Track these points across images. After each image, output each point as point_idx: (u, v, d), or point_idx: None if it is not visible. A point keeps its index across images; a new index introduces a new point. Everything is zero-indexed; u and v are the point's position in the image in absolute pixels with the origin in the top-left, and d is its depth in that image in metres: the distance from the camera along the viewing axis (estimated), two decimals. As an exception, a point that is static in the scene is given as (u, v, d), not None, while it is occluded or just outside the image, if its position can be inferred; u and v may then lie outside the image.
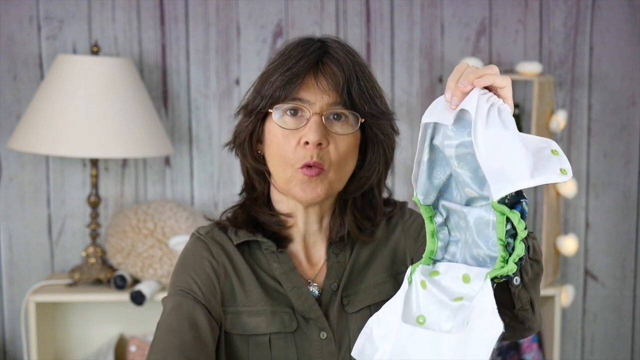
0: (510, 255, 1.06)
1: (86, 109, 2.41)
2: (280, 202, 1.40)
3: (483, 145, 1.02)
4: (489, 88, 1.07)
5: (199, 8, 2.72)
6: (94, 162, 2.58)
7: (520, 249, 1.05)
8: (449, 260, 1.15)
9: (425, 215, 1.16)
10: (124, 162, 2.73)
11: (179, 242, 2.50)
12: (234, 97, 2.74)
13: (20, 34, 2.68)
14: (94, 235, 2.60)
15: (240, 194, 1.45)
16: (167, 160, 2.75)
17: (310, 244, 1.41)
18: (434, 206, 1.16)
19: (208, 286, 1.34)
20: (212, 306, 1.33)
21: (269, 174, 1.38)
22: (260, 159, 1.38)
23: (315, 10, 2.74)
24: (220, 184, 2.76)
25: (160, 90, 2.73)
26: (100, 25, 2.69)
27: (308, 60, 1.31)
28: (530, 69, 2.62)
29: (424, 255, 1.16)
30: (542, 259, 1.17)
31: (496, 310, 1.01)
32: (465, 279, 1.11)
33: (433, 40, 2.77)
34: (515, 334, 1.25)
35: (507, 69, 2.77)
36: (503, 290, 1.15)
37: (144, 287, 2.46)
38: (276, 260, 1.38)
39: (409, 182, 2.76)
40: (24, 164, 2.71)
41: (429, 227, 1.16)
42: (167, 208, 2.58)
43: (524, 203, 1.06)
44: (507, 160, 1.01)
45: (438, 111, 1.09)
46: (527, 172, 1.01)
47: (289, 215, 1.39)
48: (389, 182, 1.45)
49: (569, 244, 2.68)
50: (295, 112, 1.31)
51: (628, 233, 2.90)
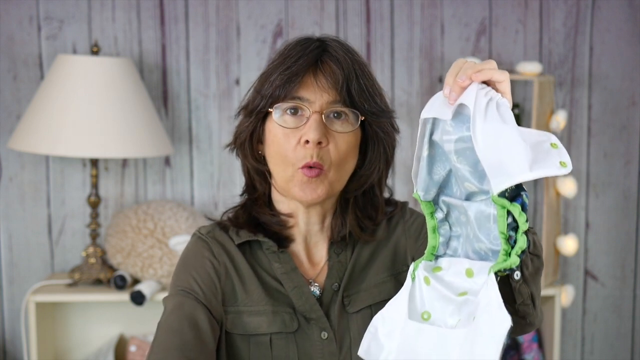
0: (512, 248, 1.06)
1: (86, 109, 2.41)
2: (281, 203, 1.39)
3: (482, 140, 1.03)
4: (487, 83, 1.08)
5: (199, 8, 2.72)
6: (94, 162, 2.58)
7: (522, 242, 1.05)
8: (451, 256, 1.15)
9: (425, 211, 1.16)
10: (124, 162, 2.73)
11: (179, 242, 2.50)
12: (234, 97, 2.74)
13: (20, 34, 2.68)
14: (94, 235, 2.60)
15: (242, 194, 1.44)
16: (167, 160, 2.75)
17: (311, 244, 1.41)
18: (435, 202, 1.16)
19: (209, 286, 1.34)
20: (213, 306, 1.33)
21: (270, 174, 1.38)
22: (261, 159, 1.38)
23: (315, 10, 2.74)
24: (220, 184, 2.76)
25: (160, 90, 2.73)
26: (100, 25, 2.69)
27: (307, 59, 1.31)
28: (530, 69, 2.62)
29: (425, 252, 1.16)
30: (543, 253, 1.17)
31: (502, 305, 1.01)
32: (469, 273, 1.11)
33: (433, 40, 2.77)
34: (516, 329, 1.25)
35: (507, 69, 2.77)
36: (504, 284, 1.15)
37: (144, 287, 2.46)
38: (277, 260, 1.38)
39: (409, 182, 2.76)
40: (24, 164, 2.71)
41: (430, 223, 1.16)
42: (167, 208, 2.58)
43: (524, 196, 1.06)
44: (506, 153, 1.01)
45: (437, 106, 1.09)
46: (526, 166, 1.01)
47: (290, 215, 1.39)
48: (389, 181, 1.45)
49: (569, 244, 2.67)
50: (295, 111, 1.31)
51: (628, 233, 2.90)
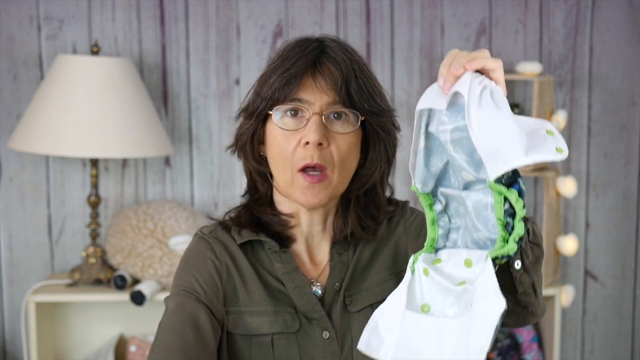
0: (510, 234, 1.06)
1: (86, 109, 2.41)
2: (283, 204, 1.39)
3: (477, 126, 1.03)
4: (480, 71, 1.08)
5: (199, 8, 2.72)
6: (94, 162, 2.58)
7: (519, 228, 1.05)
8: (451, 248, 1.15)
9: (424, 203, 1.16)
10: (124, 162, 2.73)
11: (179, 242, 2.50)
12: (234, 97, 2.74)
13: (20, 34, 2.68)
14: (94, 235, 2.60)
15: (243, 195, 1.45)
16: (167, 160, 2.75)
17: (314, 244, 1.41)
18: (433, 194, 1.16)
19: (211, 286, 1.34)
20: (215, 306, 1.33)
21: (271, 175, 1.38)
22: (263, 161, 1.38)
23: (315, 10, 2.74)
24: (220, 184, 2.76)
25: (160, 90, 2.73)
26: (100, 25, 2.69)
27: (306, 61, 1.31)
28: (530, 69, 2.62)
29: (425, 244, 1.16)
30: (543, 242, 1.17)
31: (498, 289, 1.01)
32: (467, 263, 1.11)
33: (433, 40, 2.77)
34: (519, 319, 1.25)
35: (507, 69, 2.77)
36: (505, 274, 1.15)
37: (144, 287, 2.46)
38: (279, 260, 1.38)
39: (409, 182, 2.76)
40: (24, 164, 2.71)
41: (428, 215, 1.16)
42: (167, 208, 2.58)
43: (520, 182, 1.06)
44: (502, 139, 1.02)
45: (432, 97, 1.10)
46: (522, 150, 1.01)
47: (291, 215, 1.39)
48: (389, 180, 1.45)
49: (569, 244, 2.67)
50: (295, 113, 1.31)
51: (628, 233, 2.90)
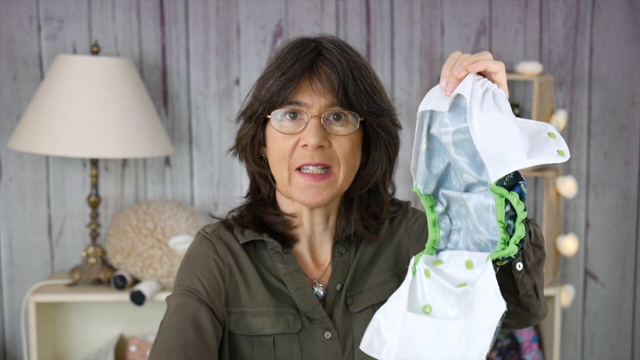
0: (511, 237, 1.06)
1: (86, 109, 2.41)
2: (285, 204, 1.40)
3: (479, 129, 1.03)
4: (483, 74, 1.08)
5: (199, 8, 2.72)
6: (94, 162, 2.58)
7: (520, 231, 1.06)
8: (452, 249, 1.15)
9: (425, 204, 1.16)
10: (124, 162, 2.73)
11: (179, 242, 2.50)
12: (234, 97, 2.74)
13: (20, 34, 2.68)
14: (94, 235, 2.60)
15: (246, 196, 1.45)
16: (167, 160, 2.75)
17: (316, 245, 1.41)
18: (434, 195, 1.17)
19: (213, 286, 1.34)
20: (217, 306, 1.33)
21: (273, 177, 1.38)
22: (264, 163, 1.38)
23: (315, 10, 2.74)
24: (220, 184, 2.76)
25: (160, 90, 2.73)
26: (100, 25, 2.69)
27: (302, 64, 1.31)
28: (530, 69, 2.62)
29: (426, 245, 1.16)
30: (544, 244, 1.17)
31: (498, 291, 1.02)
32: (469, 264, 1.11)
33: (433, 40, 2.77)
34: (520, 321, 1.25)
35: (507, 69, 2.77)
36: (507, 276, 1.16)
37: (144, 287, 2.46)
38: (281, 260, 1.38)
39: (410, 182, 2.76)
40: (24, 164, 2.71)
41: (430, 217, 1.16)
42: (167, 208, 2.58)
43: (522, 185, 1.07)
44: (503, 142, 1.02)
45: (434, 99, 1.10)
46: (524, 153, 1.01)
47: (294, 215, 1.39)
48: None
49: (569, 244, 2.67)
50: (294, 116, 1.31)
51: (628, 233, 2.90)
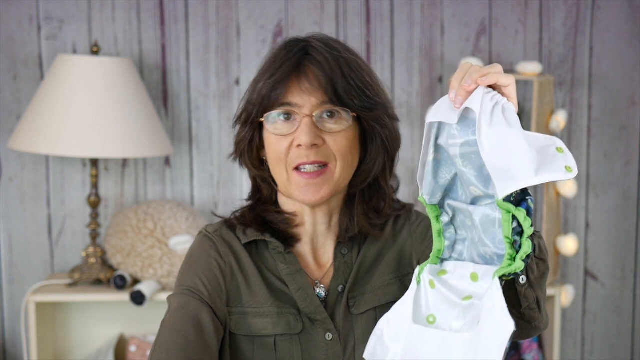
0: (517, 252, 1.06)
1: (86, 109, 2.41)
2: (287, 205, 1.40)
3: (487, 144, 1.03)
4: (493, 87, 1.07)
5: (199, 8, 2.71)
6: (94, 162, 2.58)
7: (527, 247, 1.05)
8: (456, 259, 1.15)
9: (431, 214, 1.16)
10: (124, 162, 2.73)
11: (179, 242, 2.50)
12: (234, 97, 2.74)
13: (20, 34, 2.67)
14: (94, 235, 2.59)
15: (248, 199, 1.45)
16: (167, 160, 2.75)
17: (319, 245, 1.41)
18: (440, 205, 1.17)
19: (214, 286, 1.34)
20: (218, 307, 1.33)
21: (273, 179, 1.38)
22: (265, 166, 1.39)
23: (315, 10, 2.74)
24: (220, 184, 2.76)
25: (160, 90, 2.73)
26: (100, 25, 2.69)
27: (290, 64, 1.31)
28: (530, 69, 2.62)
29: (431, 255, 1.16)
30: (549, 258, 1.17)
31: (506, 309, 1.02)
32: (474, 277, 1.11)
33: (433, 40, 2.77)
34: (522, 333, 1.25)
35: (507, 69, 2.77)
36: (509, 288, 1.15)
37: (144, 287, 2.46)
38: (283, 261, 1.38)
39: (410, 182, 2.76)
40: (24, 164, 2.71)
41: (435, 227, 1.16)
42: (167, 208, 2.58)
43: (529, 200, 1.06)
44: (512, 158, 1.01)
45: (442, 110, 1.09)
46: (532, 170, 1.01)
47: (295, 214, 1.40)
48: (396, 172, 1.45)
49: (569, 244, 2.67)
50: (288, 117, 1.32)
51: (628, 233, 2.90)
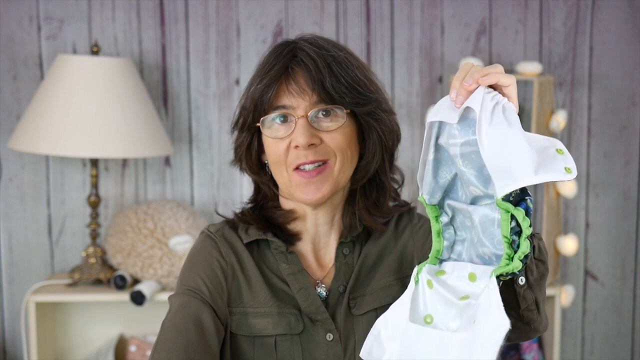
0: (515, 252, 1.06)
1: (86, 109, 2.41)
2: (289, 205, 1.40)
3: (487, 143, 1.03)
4: (493, 87, 1.08)
5: (199, 8, 2.71)
6: (94, 162, 2.58)
7: (525, 247, 1.05)
8: (455, 260, 1.16)
9: (431, 214, 1.16)
10: (124, 162, 2.73)
11: (179, 242, 2.50)
12: (234, 97, 2.74)
13: (20, 34, 2.67)
14: (94, 235, 2.59)
15: (249, 202, 1.46)
16: (167, 160, 2.75)
17: (320, 246, 1.41)
18: (440, 205, 1.17)
19: (216, 286, 1.34)
20: (219, 307, 1.33)
21: (274, 183, 1.39)
22: (267, 170, 1.39)
23: (315, 10, 2.74)
24: (220, 184, 2.76)
25: (160, 90, 2.73)
26: (100, 25, 2.69)
27: (278, 68, 1.32)
28: (530, 69, 2.62)
29: (430, 255, 1.16)
30: (548, 259, 1.17)
31: (502, 308, 1.02)
32: (472, 277, 1.11)
33: (433, 40, 2.77)
34: (521, 335, 1.25)
35: (507, 69, 2.77)
36: (508, 290, 1.15)
37: (144, 287, 2.46)
38: (285, 260, 1.38)
39: (410, 183, 2.76)
40: (24, 164, 2.71)
41: (434, 227, 1.16)
42: (167, 208, 2.58)
43: (528, 200, 1.06)
44: (511, 157, 1.02)
45: (443, 110, 1.09)
46: (532, 170, 1.01)
47: (296, 211, 1.40)
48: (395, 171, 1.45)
49: (569, 244, 2.67)
50: (284, 119, 1.32)
51: (628, 233, 2.90)
